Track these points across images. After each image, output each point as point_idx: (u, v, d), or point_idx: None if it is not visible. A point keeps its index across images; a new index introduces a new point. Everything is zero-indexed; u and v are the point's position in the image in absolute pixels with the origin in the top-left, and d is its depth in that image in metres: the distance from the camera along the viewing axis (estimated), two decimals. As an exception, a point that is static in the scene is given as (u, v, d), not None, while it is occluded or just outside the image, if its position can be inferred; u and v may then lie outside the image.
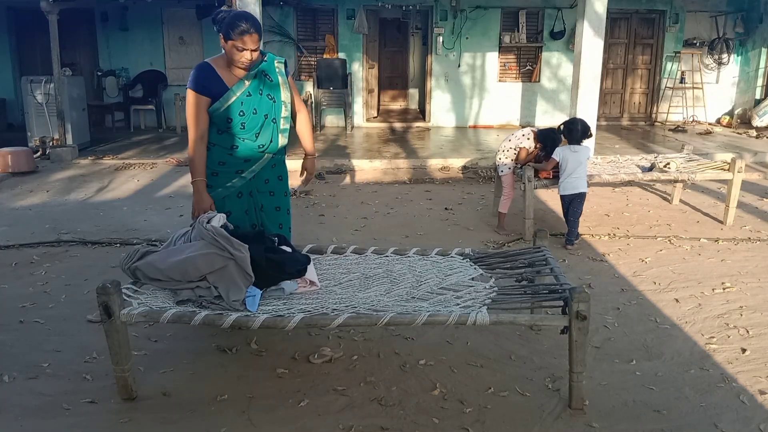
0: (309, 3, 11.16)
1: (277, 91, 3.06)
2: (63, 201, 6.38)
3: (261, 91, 3.01)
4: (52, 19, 8.33)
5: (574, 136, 4.82)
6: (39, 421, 2.57)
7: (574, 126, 4.87)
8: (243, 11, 3.00)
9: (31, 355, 3.10)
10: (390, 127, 11.65)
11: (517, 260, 3.22)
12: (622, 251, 4.76)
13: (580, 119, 4.95)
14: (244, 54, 2.85)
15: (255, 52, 2.89)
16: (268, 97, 3.02)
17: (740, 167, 5.21)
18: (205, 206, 2.97)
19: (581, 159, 4.79)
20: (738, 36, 11.85)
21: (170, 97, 11.00)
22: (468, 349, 3.18)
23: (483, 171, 7.84)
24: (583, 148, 4.84)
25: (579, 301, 2.44)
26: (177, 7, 10.97)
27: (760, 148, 9.05)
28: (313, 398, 2.73)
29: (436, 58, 11.58)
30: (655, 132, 11.04)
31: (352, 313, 2.57)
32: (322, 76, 10.50)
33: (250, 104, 2.97)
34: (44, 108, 8.71)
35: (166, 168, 8.04)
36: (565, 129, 4.91)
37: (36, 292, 3.93)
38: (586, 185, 4.86)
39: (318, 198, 6.57)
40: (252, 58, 2.89)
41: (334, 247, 3.39)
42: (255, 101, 2.98)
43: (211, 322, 2.55)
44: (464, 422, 2.55)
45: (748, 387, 2.83)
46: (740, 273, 4.28)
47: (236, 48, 2.83)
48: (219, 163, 3.04)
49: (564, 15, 11.33)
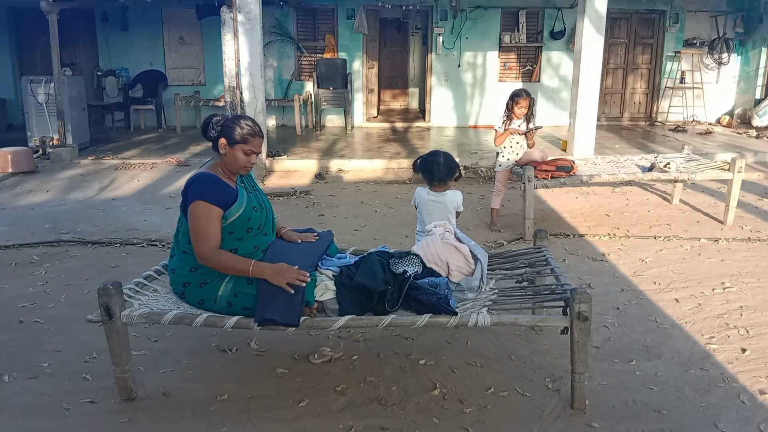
0: (309, 3, 11.15)
1: (256, 183, 2.92)
2: (63, 201, 6.38)
3: (253, 187, 2.86)
4: (52, 19, 8.32)
5: (434, 174, 3.37)
6: (39, 421, 2.57)
7: (435, 159, 3.37)
8: (242, 114, 2.83)
9: (31, 355, 3.10)
10: (390, 127, 11.65)
11: (517, 261, 3.22)
12: (622, 251, 4.76)
13: (443, 152, 3.43)
14: (252, 158, 2.67)
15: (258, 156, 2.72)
16: (258, 193, 2.87)
17: (740, 167, 5.20)
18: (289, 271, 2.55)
19: (445, 208, 3.39)
20: (738, 36, 11.85)
21: (170, 97, 10.99)
22: (468, 349, 3.18)
23: (483, 171, 7.84)
24: (445, 195, 3.39)
25: (580, 302, 2.44)
26: (177, 7, 10.97)
27: (760, 148, 9.05)
28: (313, 398, 2.73)
29: (436, 58, 11.58)
30: (655, 132, 11.04)
31: (353, 314, 2.57)
32: (322, 76, 10.50)
33: (255, 202, 2.78)
34: (44, 108, 8.70)
35: (166, 168, 8.03)
36: (420, 165, 3.43)
37: (36, 292, 3.92)
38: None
39: (318, 198, 6.57)
40: (256, 161, 2.72)
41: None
42: (254, 199, 2.79)
43: (212, 324, 2.55)
44: (464, 422, 2.55)
45: (748, 387, 2.83)
46: (740, 273, 4.28)
47: (244, 152, 2.64)
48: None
49: (564, 15, 11.33)
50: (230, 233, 2.64)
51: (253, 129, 2.67)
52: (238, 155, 2.64)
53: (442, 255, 2.86)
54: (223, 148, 2.65)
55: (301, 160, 8.31)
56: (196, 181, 2.62)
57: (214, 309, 2.63)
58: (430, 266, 2.85)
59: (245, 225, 2.67)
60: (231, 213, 2.62)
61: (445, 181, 3.38)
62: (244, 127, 2.64)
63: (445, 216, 3.36)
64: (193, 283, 2.67)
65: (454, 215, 3.41)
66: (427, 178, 3.41)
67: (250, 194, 2.76)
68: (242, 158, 2.65)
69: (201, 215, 2.57)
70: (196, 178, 2.64)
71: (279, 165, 8.17)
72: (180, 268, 2.70)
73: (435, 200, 3.38)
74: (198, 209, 2.57)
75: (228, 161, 2.67)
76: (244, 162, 2.66)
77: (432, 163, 3.37)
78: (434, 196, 3.39)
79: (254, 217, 2.71)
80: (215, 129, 2.66)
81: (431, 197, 3.39)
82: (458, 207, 3.42)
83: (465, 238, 3.00)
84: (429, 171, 3.38)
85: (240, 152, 2.64)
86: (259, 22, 7.63)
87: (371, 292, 2.58)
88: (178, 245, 2.72)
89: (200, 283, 2.65)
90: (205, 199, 2.57)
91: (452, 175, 3.39)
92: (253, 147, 2.66)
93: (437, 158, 3.37)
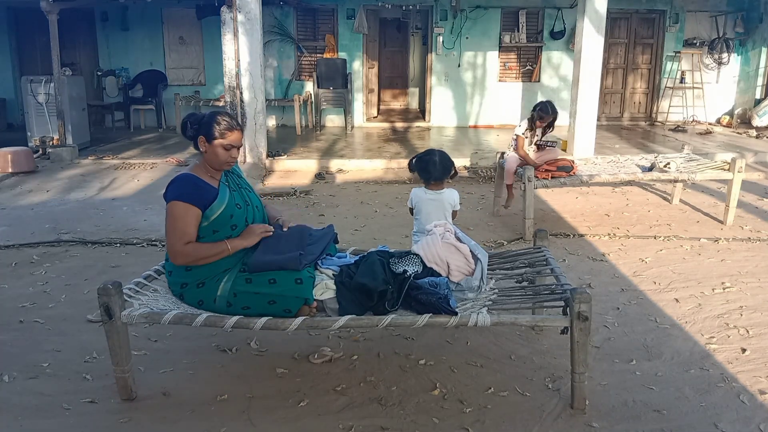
0: (309, 3, 11.15)
1: (244, 180, 2.92)
2: (63, 201, 6.38)
3: (238, 185, 2.85)
4: (52, 19, 8.32)
5: (431, 173, 3.36)
6: (39, 421, 2.57)
7: (431, 158, 3.36)
8: (219, 110, 2.80)
9: (31, 355, 3.10)
10: (390, 127, 11.65)
11: (517, 261, 3.22)
12: (622, 251, 4.76)
13: (439, 151, 3.40)
14: (232, 152, 2.68)
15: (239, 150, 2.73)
16: (245, 191, 2.86)
17: (740, 167, 5.20)
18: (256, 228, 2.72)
19: (442, 207, 3.36)
20: (738, 36, 11.85)
21: (170, 97, 10.99)
22: (468, 349, 3.19)
23: (483, 171, 7.84)
24: (442, 194, 3.37)
25: (580, 302, 2.44)
26: (177, 6, 10.98)
27: (760, 148, 9.05)
28: (313, 398, 2.73)
29: (436, 58, 11.58)
30: (655, 132, 11.04)
31: (353, 314, 2.57)
32: (322, 76, 10.49)
33: (239, 199, 2.78)
34: (44, 108, 8.70)
35: (166, 168, 8.03)
36: (416, 164, 3.43)
37: (36, 292, 3.93)
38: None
39: (318, 198, 6.57)
40: (237, 156, 2.72)
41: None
42: (238, 197, 2.78)
43: (212, 324, 2.55)
44: (464, 422, 2.55)
45: (748, 387, 2.83)
46: (740, 273, 4.28)
47: (223, 147, 2.64)
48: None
49: (564, 15, 11.33)
50: (215, 231, 2.65)
51: (230, 123, 2.67)
52: (218, 151, 2.65)
53: (442, 255, 2.86)
54: (202, 145, 2.67)
55: (301, 160, 8.31)
56: (174, 182, 2.65)
57: (213, 309, 2.63)
58: (430, 266, 2.85)
59: (228, 222, 2.68)
60: (212, 211, 2.63)
61: (442, 179, 3.37)
62: (221, 123, 2.65)
63: (443, 214, 3.34)
64: (190, 284, 2.67)
65: (451, 213, 3.39)
66: (424, 177, 3.39)
67: (234, 192, 2.76)
68: (222, 154, 2.65)
69: (177, 215, 2.58)
70: (174, 180, 2.66)
71: (279, 165, 8.17)
72: (176, 269, 2.70)
73: (433, 198, 3.36)
74: (175, 209, 2.58)
75: (209, 158, 2.68)
76: (225, 157, 2.66)
77: (428, 162, 3.34)
78: (432, 195, 3.37)
79: (237, 215, 2.71)
80: (192, 128, 2.67)
81: (429, 196, 3.37)
82: (455, 205, 3.40)
83: (465, 237, 3.01)
84: (425, 170, 3.36)
85: (219, 148, 2.64)
86: (259, 21, 7.63)
87: (371, 291, 2.58)
88: None
89: (198, 283, 2.66)
90: (183, 199, 2.58)
91: (448, 173, 3.38)
92: (231, 141, 2.66)
93: (433, 157, 3.34)
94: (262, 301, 2.58)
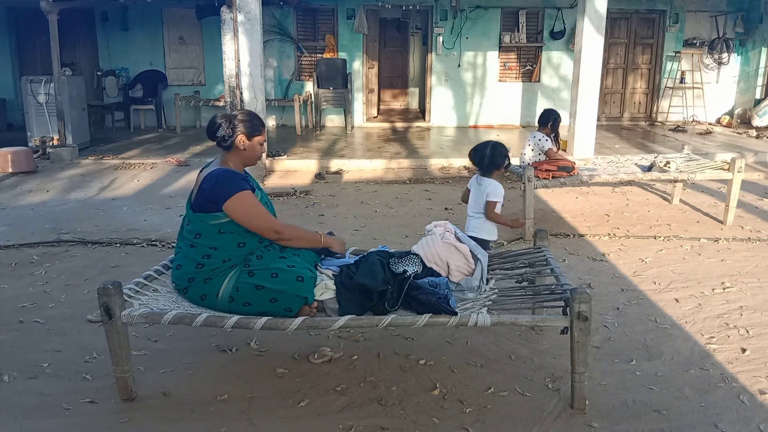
0: (309, 3, 11.15)
1: (254, 180, 2.94)
2: (63, 201, 6.38)
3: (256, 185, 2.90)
4: (52, 19, 8.32)
5: (478, 163, 3.78)
6: (39, 421, 2.57)
7: (483, 151, 3.75)
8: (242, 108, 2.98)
9: (31, 355, 3.10)
10: (390, 127, 11.65)
11: (517, 261, 3.22)
12: (622, 251, 4.76)
13: (493, 143, 3.78)
14: (264, 146, 2.87)
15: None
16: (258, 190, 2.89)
17: (740, 167, 5.20)
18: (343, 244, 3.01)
19: (481, 195, 3.73)
20: (738, 36, 11.85)
21: (170, 97, 10.99)
22: (468, 349, 3.18)
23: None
24: (485, 183, 3.73)
25: (580, 302, 2.44)
26: (177, 7, 10.98)
27: (760, 148, 9.05)
28: (313, 398, 2.73)
29: (436, 58, 11.58)
30: (655, 132, 11.04)
31: (353, 314, 2.57)
32: (322, 76, 10.50)
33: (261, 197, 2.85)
34: (44, 108, 8.70)
35: (166, 168, 8.04)
36: (472, 154, 3.83)
37: (36, 292, 3.92)
38: (486, 231, 3.77)
39: (318, 198, 6.57)
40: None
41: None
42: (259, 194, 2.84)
43: (212, 324, 2.55)
44: (464, 422, 2.55)
45: (748, 387, 2.83)
46: (740, 273, 4.28)
47: (260, 143, 2.81)
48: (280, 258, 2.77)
49: (564, 15, 11.34)
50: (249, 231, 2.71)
51: (261, 119, 2.85)
52: (256, 147, 2.80)
53: (442, 255, 2.87)
54: (242, 143, 2.75)
55: (301, 160, 8.31)
56: (222, 179, 2.66)
57: (215, 304, 2.65)
58: (430, 266, 2.85)
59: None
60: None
61: (490, 170, 3.73)
62: (254, 119, 2.80)
63: (480, 201, 3.71)
64: (197, 279, 2.68)
65: (485, 203, 3.68)
66: (476, 166, 3.80)
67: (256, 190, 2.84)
68: (259, 149, 2.82)
69: (253, 201, 2.69)
70: (220, 177, 2.67)
71: (279, 165, 8.17)
72: (186, 263, 2.71)
73: (478, 186, 3.75)
74: (247, 198, 2.66)
75: (248, 155, 2.79)
76: (261, 151, 2.84)
77: (477, 153, 3.75)
78: (479, 182, 3.76)
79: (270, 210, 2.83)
80: (230, 128, 2.72)
81: (476, 182, 3.78)
82: (489, 195, 3.67)
83: (465, 237, 3.02)
84: (476, 160, 3.77)
85: (257, 144, 2.80)
86: (259, 22, 7.63)
87: (371, 291, 2.58)
88: (184, 240, 2.75)
89: (205, 278, 2.67)
90: (243, 188, 2.67)
91: (495, 165, 3.72)
92: (264, 136, 2.85)
93: (485, 150, 3.72)
94: (263, 297, 2.58)
